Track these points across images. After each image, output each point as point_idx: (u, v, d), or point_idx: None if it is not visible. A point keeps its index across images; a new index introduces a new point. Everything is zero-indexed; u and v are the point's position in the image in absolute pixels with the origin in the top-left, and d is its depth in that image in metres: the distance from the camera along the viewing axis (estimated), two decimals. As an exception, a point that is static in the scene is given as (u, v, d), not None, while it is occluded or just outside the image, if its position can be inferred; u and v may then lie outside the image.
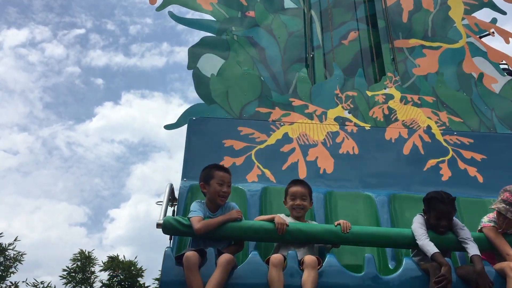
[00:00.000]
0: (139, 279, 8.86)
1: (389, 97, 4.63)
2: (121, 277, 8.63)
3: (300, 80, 4.68)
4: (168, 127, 4.42)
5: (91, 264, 8.81)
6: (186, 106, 4.69)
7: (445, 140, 4.35)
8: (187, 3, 5.15)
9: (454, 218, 3.24)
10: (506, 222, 3.20)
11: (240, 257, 3.24)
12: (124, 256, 9.05)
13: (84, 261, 8.70)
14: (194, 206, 3.23)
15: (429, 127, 4.43)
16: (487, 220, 3.31)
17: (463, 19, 5.30)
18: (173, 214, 3.80)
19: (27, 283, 8.85)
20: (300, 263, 3.01)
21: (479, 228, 3.34)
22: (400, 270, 3.03)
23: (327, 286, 2.89)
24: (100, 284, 8.81)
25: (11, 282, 8.25)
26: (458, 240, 3.13)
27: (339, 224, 3.19)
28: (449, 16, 5.31)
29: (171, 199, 3.80)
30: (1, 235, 8.61)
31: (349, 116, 4.46)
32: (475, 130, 4.46)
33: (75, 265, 8.73)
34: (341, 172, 4.09)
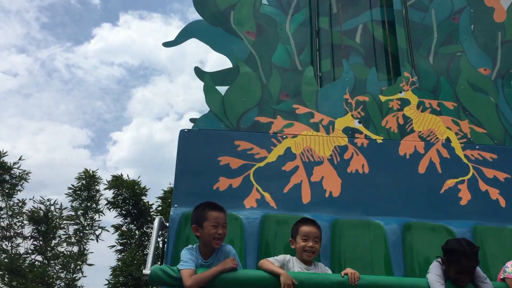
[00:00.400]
0: (142, 197, 8.96)
1: (405, 102, 4.12)
2: (125, 195, 8.79)
3: (306, 82, 4.15)
4: (166, 44, 4.44)
5: (96, 183, 8.98)
6: (186, 28, 4.47)
7: (465, 156, 3.90)
8: None
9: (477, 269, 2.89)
10: None
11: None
12: (128, 176, 9.27)
13: (88, 179, 8.87)
14: (185, 255, 2.87)
15: (448, 140, 3.97)
16: (507, 270, 2.96)
17: None
18: (163, 246, 3.47)
19: (34, 200, 9.08)
20: None
21: (502, 277, 3.00)
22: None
23: None
24: (105, 202, 8.99)
25: (18, 200, 8.48)
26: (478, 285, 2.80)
27: (346, 274, 2.85)
28: None
29: (161, 228, 3.46)
30: (6, 154, 8.78)
31: (359, 126, 3.99)
32: (499, 143, 4.00)
33: (80, 184, 8.87)
34: (348, 195, 3.69)
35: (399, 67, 4.35)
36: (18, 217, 8.36)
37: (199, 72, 4.31)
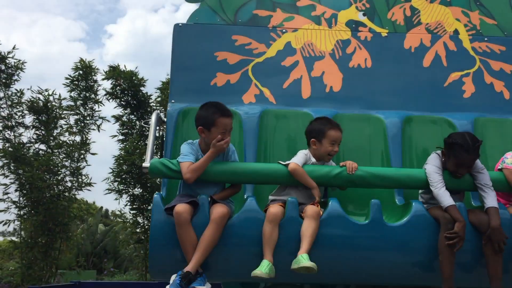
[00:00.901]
0: (141, 88, 8.86)
1: (413, -8, 3.87)
2: (124, 86, 8.67)
3: (307, -29, 3.87)
4: None
5: (93, 73, 8.72)
6: None
7: (473, 48, 3.74)
8: None
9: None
10: None
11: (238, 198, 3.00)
12: (125, 66, 9.09)
13: (85, 69, 8.61)
14: (185, 149, 2.87)
15: (456, 32, 3.78)
16: (506, 161, 2.95)
17: None
18: (161, 140, 3.48)
19: (32, 91, 9.08)
20: (301, 210, 2.78)
21: (499, 167, 3.01)
22: (408, 216, 2.79)
23: (329, 236, 2.69)
24: (104, 92, 8.86)
25: (16, 90, 8.29)
26: (475, 184, 2.82)
27: (344, 165, 2.87)
28: None
29: (159, 124, 3.45)
30: None
31: (364, 19, 3.78)
32: (509, 35, 3.81)
33: (77, 74, 8.64)
34: (349, 90, 3.61)
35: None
36: (17, 107, 8.18)
37: None
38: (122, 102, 8.89)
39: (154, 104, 9.05)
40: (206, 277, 2.62)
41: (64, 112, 8.48)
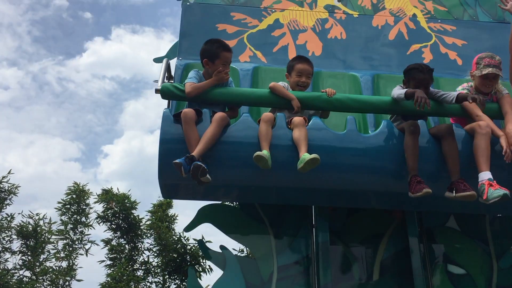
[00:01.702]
0: (133, 211, 9.09)
1: (378, -13, 4.74)
2: (116, 209, 8.88)
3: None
4: (157, 60, 4.37)
5: (86, 197, 9.03)
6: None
7: (429, 27, 4.54)
8: None
9: (431, 88, 3.51)
10: (489, 85, 3.47)
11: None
12: (118, 189, 9.33)
13: (78, 193, 8.92)
14: (191, 73, 3.46)
15: (414, 15, 4.60)
16: (460, 88, 3.59)
17: None
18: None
19: (22, 215, 9.00)
20: (288, 123, 3.31)
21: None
22: (379, 129, 3.35)
23: (312, 143, 3.18)
24: (96, 216, 9.06)
25: (7, 214, 8.45)
26: (438, 100, 3.36)
27: (325, 91, 3.45)
28: None
29: (168, 77, 4.02)
30: None
31: (339, 4, 4.60)
32: (458, 18, 4.64)
33: (69, 198, 8.93)
34: (328, 54, 4.30)
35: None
36: (6, 231, 8.29)
37: None
38: (113, 225, 9.00)
39: (145, 228, 9.18)
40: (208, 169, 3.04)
41: (53, 237, 8.53)
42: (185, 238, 9.02)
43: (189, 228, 3.83)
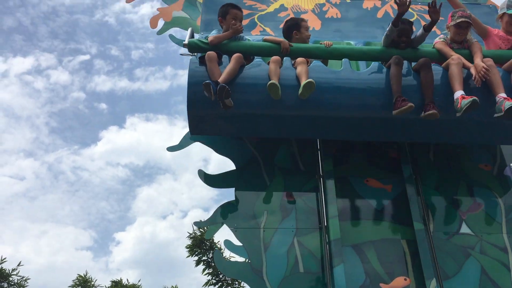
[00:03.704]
0: None
1: (367, -21, 5.62)
2: None
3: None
4: (171, 149, 4.55)
5: (93, 286, 8.91)
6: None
7: (411, 8, 5.35)
8: (187, 25, 5.27)
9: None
10: (462, 33, 4.15)
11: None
12: (127, 280, 9.28)
13: (84, 285, 8.87)
14: (213, 31, 4.24)
15: (398, 0, 5.43)
16: (437, 38, 4.32)
17: None
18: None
19: None
20: (293, 63, 4.02)
21: (432, 47, 4.35)
22: (369, 67, 4.05)
23: (313, 78, 3.85)
24: None
25: None
26: (416, 36, 4.12)
27: (323, 43, 4.19)
28: None
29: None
30: (4, 260, 8.66)
31: (333, -7, 5.47)
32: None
33: None
34: (327, 29, 5.10)
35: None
36: None
37: None
38: None
39: None
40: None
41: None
42: None
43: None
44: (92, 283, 8.71)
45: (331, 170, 4.21)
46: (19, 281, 8.42)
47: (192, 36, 4.62)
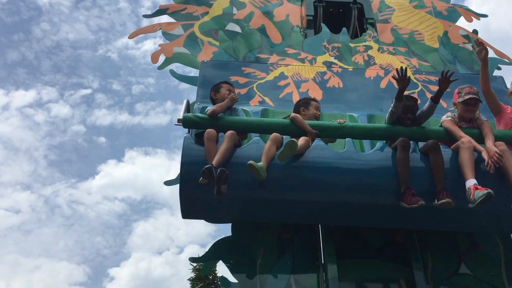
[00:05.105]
0: None
1: (368, 47, 5.51)
2: None
3: (294, 35, 5.57)
4: (168, 183, 4.50)
5: None
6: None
7: (416, 78, 5.19)
8: (187, 61, 5.37)
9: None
10: (471, 111, 3.94)
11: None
12: None
13: None
14: (208, 107, 4.05)
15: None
16: (445, 116, 4.10)
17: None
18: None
19: None
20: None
21: (439, 125, 4.12)
22: (375, 148, 3.81)
23: (315, 159, 3.62)
24: None
25: None
26: (424, 110, 3.89)
27: (336, 120, 3.97)
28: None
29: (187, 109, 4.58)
30: None
31: (335, 61, 5.33)
32: (440, 70, 5.30)
33: None
34: (328, 100, 4.90)
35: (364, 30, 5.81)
36: None
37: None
38: None
39: None
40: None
41: None
42: None
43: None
44: None
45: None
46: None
47: (187, 109, 4.42)
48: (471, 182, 3.42)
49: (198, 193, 3.60)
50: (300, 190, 3.60)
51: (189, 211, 3.83)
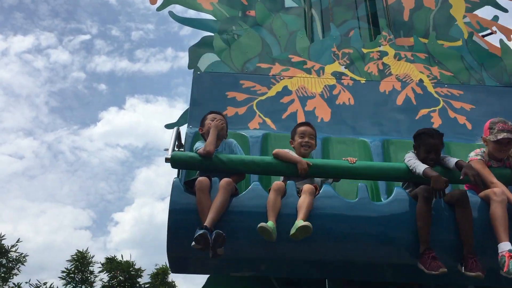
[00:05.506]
0: (139, 279, 9.15)
1: (384, 53, 4.86)
2: (121, 278, 8.91)
3: (299, 39, 4.91)
4: (168, 126, 4.58)
5: (90, 264, 9.03)
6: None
7: (436, 92, 4.59)
8: (187, 2, 5.14)
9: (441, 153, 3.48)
10: (504, 151, 3.41)
11: (243, 187, 3.49)
12: (122, 256, 9.34)
13: (82, 261, 8.95)
14: (198, 144, 3.50)
15: (421, 81, 4.67)
16: (473, 154, 3.54)
17: (464, 17, 5.33)
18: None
19: (30, 284, 9.08)
20: (299, 191, 3.26)
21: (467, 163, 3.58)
22: (391, 197, 3.28)
23: (323, 210, 3.12)
24: (101, 284, 9.08)
25: (14, 284, 8.50)
26: (444, 163, 3.35)
27: (347, 159, 3.42)
28: (450, 14, 5.34)
29: (178, 145, 4.05)
30: (3, 237, 8.90)
31: (345, 71, 4.70)
32: (465, 83, 4.69)
33: (73, 266, 8.96)
34: (337, 120, 4.33)
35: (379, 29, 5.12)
36: None
37: None
38: None
39: None
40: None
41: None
42: None
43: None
44: (89, 259, 8.75)
45: None
46: (17, 257, 8.46)
47: (178, 137, 3.88)
48: (505, 247, 2.92)
49: (188, 250, 3.11)
50: (305, 246, 3.12)
51: (179, 266, 3.38)
